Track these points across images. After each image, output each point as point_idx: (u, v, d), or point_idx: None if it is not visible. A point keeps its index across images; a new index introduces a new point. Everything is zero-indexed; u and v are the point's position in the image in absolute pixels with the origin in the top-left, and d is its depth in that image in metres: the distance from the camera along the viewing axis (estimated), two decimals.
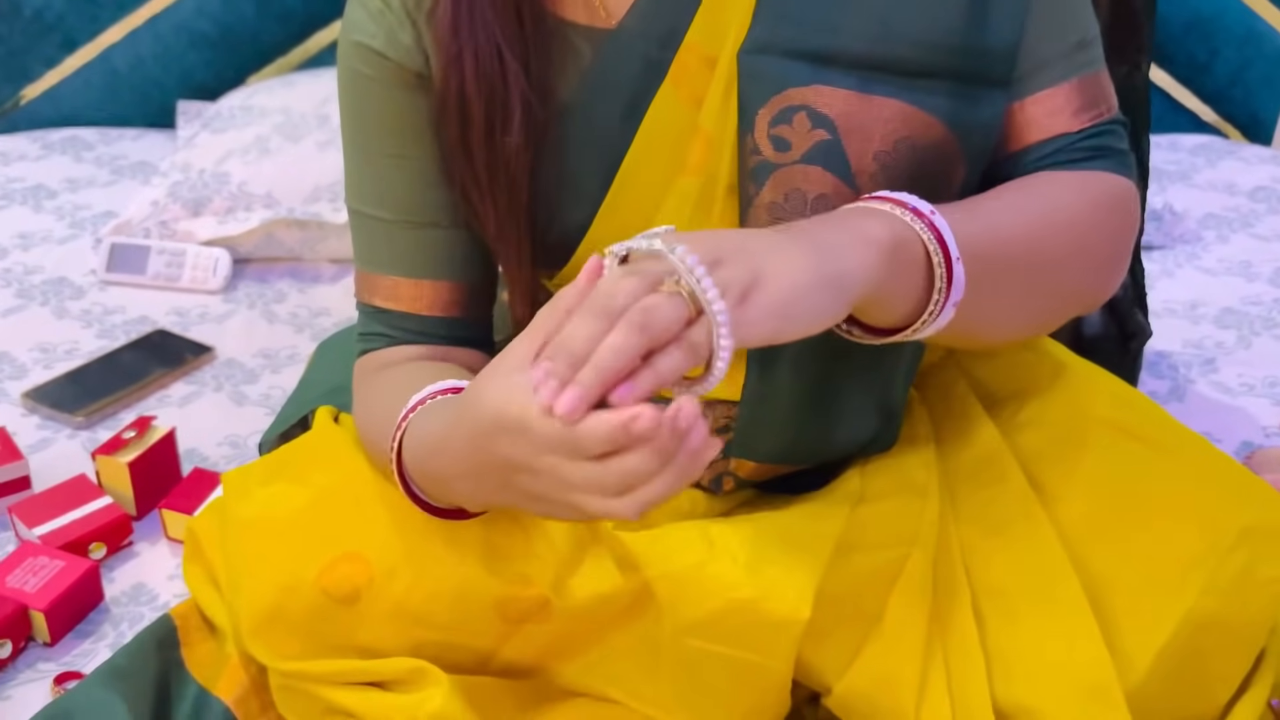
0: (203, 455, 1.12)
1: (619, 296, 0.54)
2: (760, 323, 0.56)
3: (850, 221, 0.62)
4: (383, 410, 0.75)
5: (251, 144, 1.49)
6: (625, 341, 0.53)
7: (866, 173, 0.69)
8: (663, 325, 0.54)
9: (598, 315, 0.54)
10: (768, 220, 0.70)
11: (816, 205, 0.69)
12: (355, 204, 0.80)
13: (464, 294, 0.80)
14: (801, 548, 0.70)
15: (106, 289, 1.39)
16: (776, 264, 0.58)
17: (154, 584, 0.97)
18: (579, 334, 0.54)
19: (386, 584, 0.73)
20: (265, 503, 0.79)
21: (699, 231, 0.60)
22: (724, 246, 0.57)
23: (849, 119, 0.68)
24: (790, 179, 0.69)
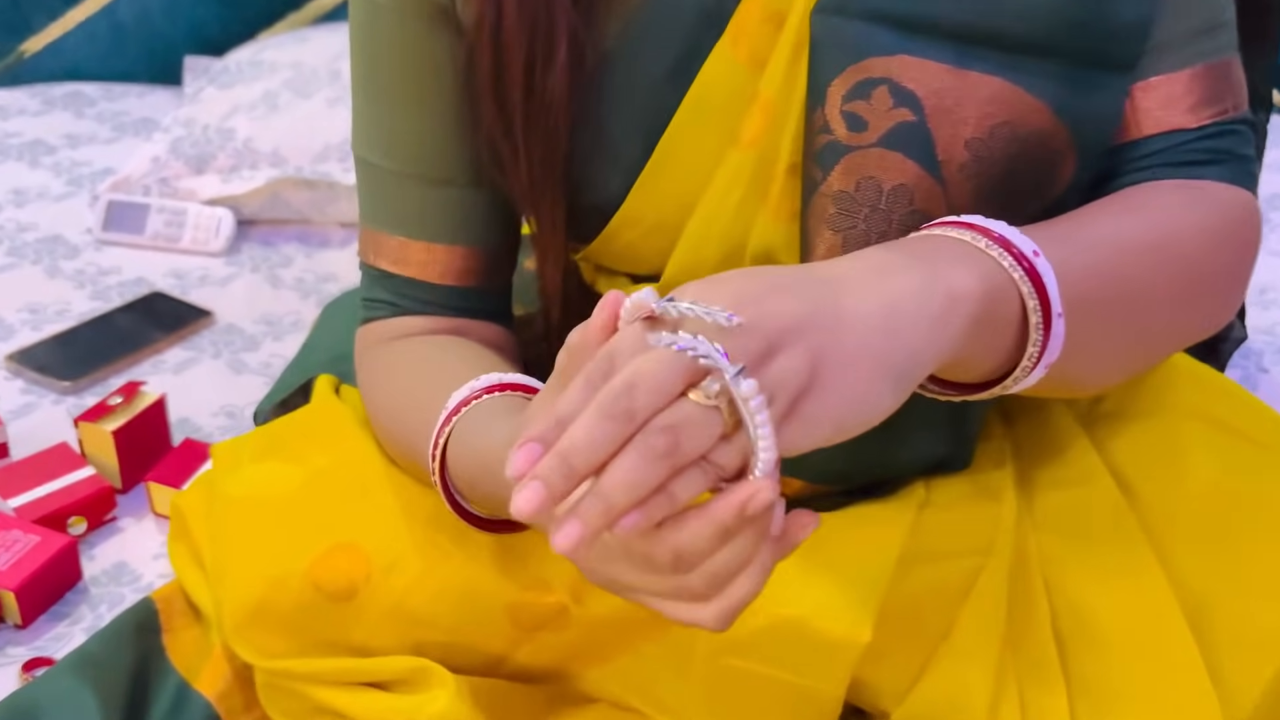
0: (196, 425, 1.04)
1: (640, 395, 0.43)
2: (807, 437, 0.46)
3: (934, 266, 0.50)
4: (404, 395, 0.67)
5: (259, 99, 1.41)
6: (644, 473, 0.43)
7: (955, 163, 0.59)
8: (691, 451, 0.43)
9: (610, 418, 0.43)
10: (834, 211, 0.61)
11: (893, 198, 0.60)
12: (361, 151, 0.71)
13: (482, 260, 0.72)
14: (861, 558, 0.61)
15: (102, 249, 1.32)
16: (841, 351, 0.46)
17: (137, 563, 0.90)
18: (583, 440, 0.43)
19: (385, 580, 0.65)
20: (255, 481, 0.71)
21: (749, 275, 0.48)
22: (781, 320, 0.45)
23: (939, 98, 0.58)
24: (864, 165, 0.60)
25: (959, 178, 0.59)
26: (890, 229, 0.60)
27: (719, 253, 0.67)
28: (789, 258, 0.65)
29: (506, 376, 0.62)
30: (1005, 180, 0.59)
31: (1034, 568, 0.64)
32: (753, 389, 0.43)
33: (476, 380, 0.61)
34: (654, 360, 0.44)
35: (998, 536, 0.64)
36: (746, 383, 0.43)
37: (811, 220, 0.62)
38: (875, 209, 0.60)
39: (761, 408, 0.43)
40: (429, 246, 0.70)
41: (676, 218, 0.67)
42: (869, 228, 0.61)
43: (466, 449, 0.59)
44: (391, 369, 0.69)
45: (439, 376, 0.64)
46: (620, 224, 0.69)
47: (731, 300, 0.45)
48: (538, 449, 0.43)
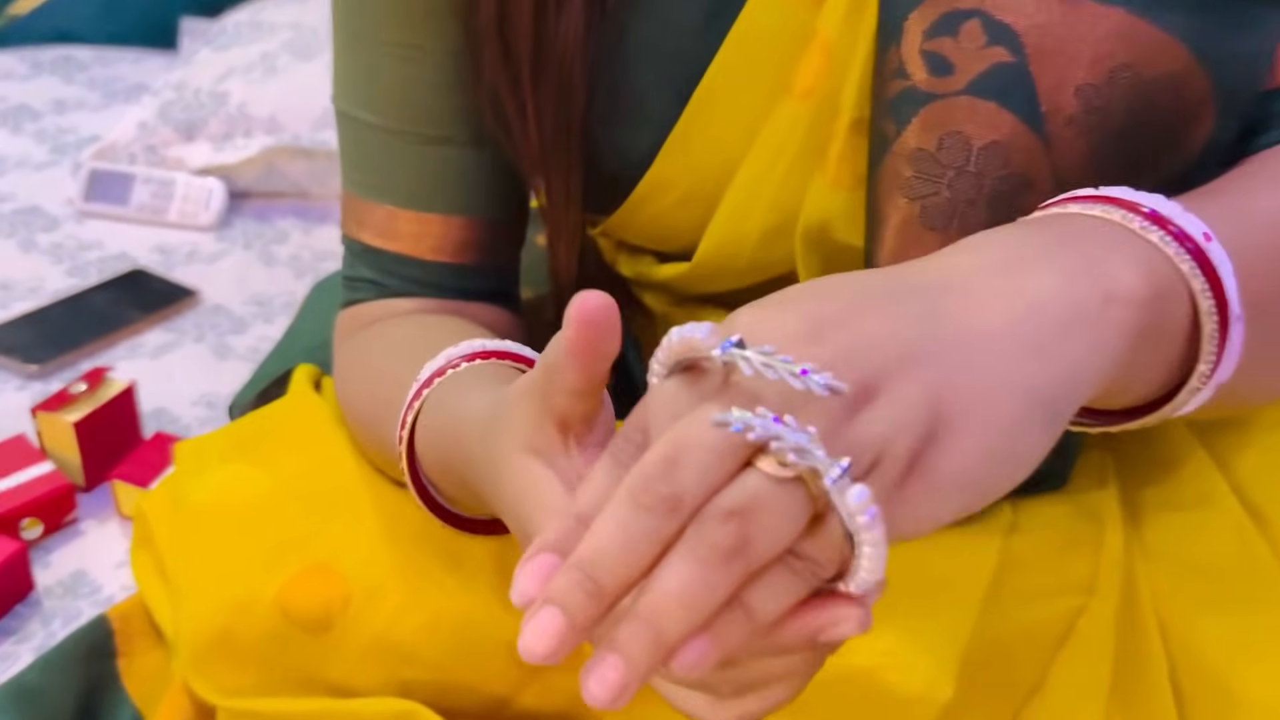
0: (172, 416, 0.94)
1: (687, 472, 0.31)
2: (937, 508, 0.34)
3: (1080, 257, 0.38)
4: (377, 377, 0.56)
5: (256, 62, 1.30)
6: (706, 583, 0.30)
7: (1063, 115, 0.48)
8: (768, 545, 0.31)
9: (646, 507, 0.31)
10: (910, 175, 0.50)
11: (985, 159, 0.49)
12: (344, 104, 0.61)
13: (482, 233, 0.61)
14: (939, 598, 0.51)
15: (83, 221, 1.22)
16: (971, 382, 0.34)
17: (98, 572, 0.80)
18: (612, 542, 0.31)
19: (366, 609, 0.55)
20: (220, 486, 0.61)
21: (822, 290, 0.36)
22: (880, 350, 0.34)
23: (1044, 34, 0.47)
24: (949, 116, 0.49)
25: (1067, 134, 0.48)
26: (980, 196, 0.50)
27: (764, 226, 0.56)
28: (850, 232, 0.55)
29: (492, 343, 0.51)
30: (1126, 138, 0.48)
31: (1146, 608, 0.53)
32: (864, 500, 0.31)
33: (454, 347, 0.50)
34: (694, 417, 0.32)
35: (1102, 570, 0.53)
36: (855, 491, 0.31)
37: (881, 186, 0.52)
38: (962, 171, 0.49)
39: (862, 494, 0.31)
40: (421, 216, 0.59)
41: (714, 184, 0.57)
42: (954, 195, 0.50)
43: (436, 426, 0.49)
44: (366, 351, 0.59)
45: (417, 352, 0.53)
46: (647, 192, 0.58)
47: (805, 327, 0.34)
48: (551, 561, 0.32)
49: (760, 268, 0.59)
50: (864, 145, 0.53)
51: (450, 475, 0.49)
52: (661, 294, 0.67)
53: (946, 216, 0.50)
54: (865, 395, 0.33)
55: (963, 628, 0.50)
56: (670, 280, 0.63)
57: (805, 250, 0.56)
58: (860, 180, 0.54)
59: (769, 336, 0.33)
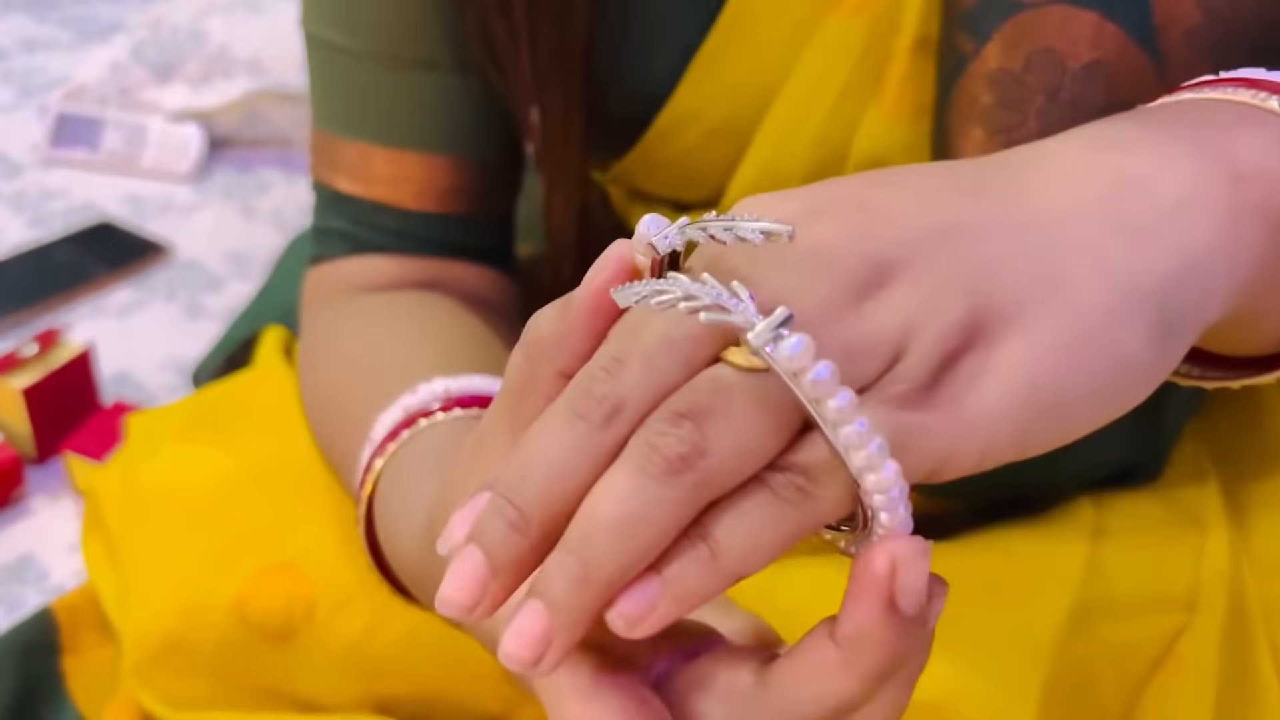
0: (136, 382, 0.86)
1: (630, 373, 0.24)
2: (988, 431, 0.25)
3: (1200, 127, 0.29)
4: (335, 393, 0.48)
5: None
6: (646, 507, 0.23)
7: (1180, 26, 0.40)
8: (730, 455, 0.24)
9: (581, 417, 0.24)
10: (990, 101, 0.42)
11: (1083, 82, 0.40)
12: (313, 25, 0.52)
13: (469, 177, 0.53)
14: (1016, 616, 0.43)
15: (50, 168, 1.13)
16: (1035, 267, 0.26)
17: (47, 555, 0.72)
18: (536, 461, 0.24)
19: (336, 616, 0.47)
20: (175, 469, 0.54)
21: (853, 177, 0.28)
22: (886, 216, 0.26)
23: None
24: (1040, 29, 0.41)
25: (1185, 51, 0.40)
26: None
27: (809, 163, 0.48)
28: None
29: (456, 384, 0.42)
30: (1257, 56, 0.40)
31: (1256, 626, 0.45)
32: (803, 351, 0.23)
33: (411, 395, 0.42)
34: (653, 320, 0.25)
35: (1204, 583, 0.45)
36: (791, 343, 0.23)
37: (953, 116, 0.43)
38: (1054, 98, 0.41)
39: (833, 388, 0.23)
40: (400, 155, 0.51)
41: (748, 115, 0.49)
42: (1044, 127, 0.42)
43: (390, 518, 0.40)
44: (335, 336, 0.50)
45: (382, 364, 0.45)
46: (668, 126, 0.50)
47: (804, 205, 0.26)
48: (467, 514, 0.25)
49: None
50: (931, 68, 0.45)
51: (410, 574, 0.41)
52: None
53: None
54: (875, 278, 0.25)
55: (1042, 652, 0.43)
56: None
57: None
58: (925, 110, 0.46)
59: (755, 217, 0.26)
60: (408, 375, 0.42)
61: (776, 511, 0.24)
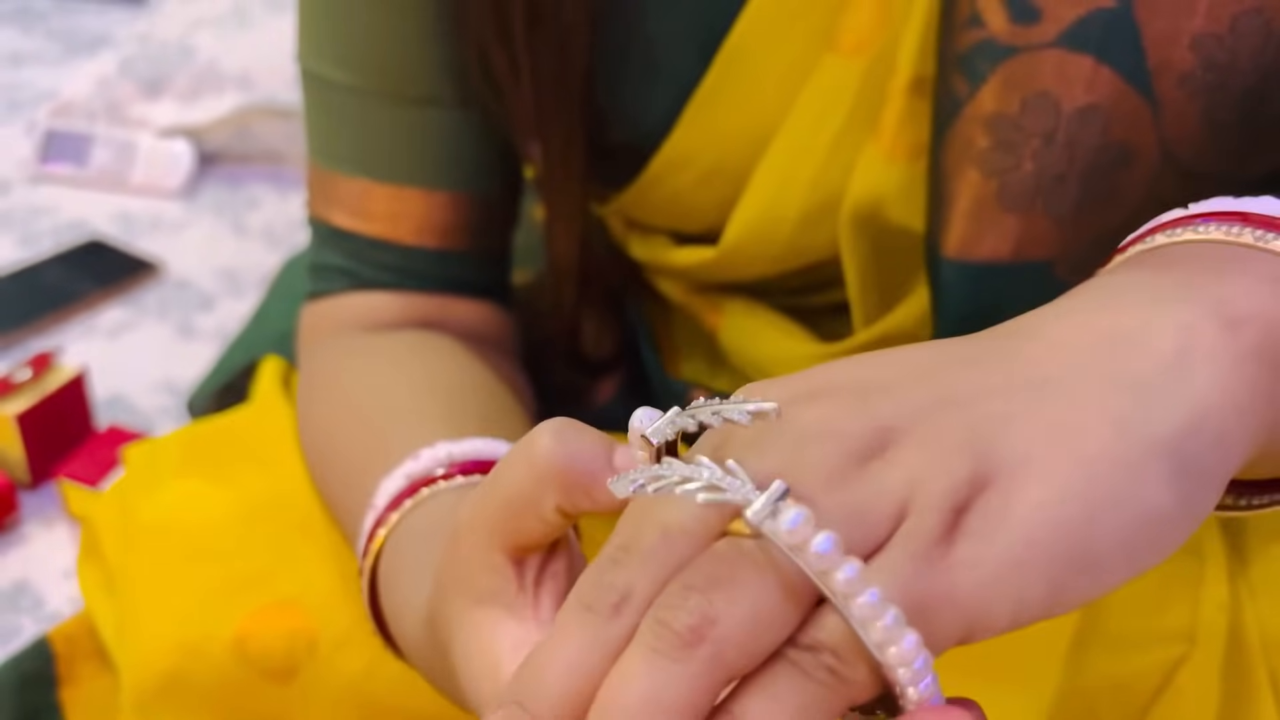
0: (130, 404, 0.85)
1: (634, 562, 0.24)
2: (1009, 583, 0.24)
3: (1184, 274, 0.29)
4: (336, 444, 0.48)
5: (228, 12, 1.21)
6: (661, 691, 0.22)
7: (1175, 71, 0.40)
8: (744, 629, 0.23)
9: (589, 610, 0.24)
10: (986, 145, 0.42)
11: (1079, 125, 0.41)
12: (310, 62, 0.52)
13: (469, 212, 0.53)
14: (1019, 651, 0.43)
15: (38, 185, 1.13)
16: (1040, 421, 0.25)
17: (42, 583, 0.72)
18: (549, 662, 0.24)
19: (338, 654, 0.47)
20: (175, 504, 0.53)
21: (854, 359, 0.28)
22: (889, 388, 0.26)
23: None
24: (1035, 74, 0.41)
25: (1179, 96, 0.40)
26: (1071, 171, 0.42)
27: (805, 204, 0.48)
28: (908, 212, 0.47)
29: (460, 447, 0.42)
30: (1250, 101, 0.40)
31: (1255, 658, 0.45)
32: (802, 523, 0.22)
33: (414, 459, 0.41)
34: (656, 507, 0.25)
35: (1203, 614, 0.45)
36: (789, 516, 0.22)
37: (949, 157, 0.43)
38: (1050, 140, 0.41)
39: (838, 560, 0.22)
40: (399, 192, 0.51)
41: (744, 157, 0.49)
42: (1040, 168, 0.42)
43: (393, 591, 0.40)
44: (335, 378, 0.50)
45: (386, 416, 0.45)
46: (665, 165, 0.50)
47: (804, 385, 0.26)
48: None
49: (798, 252, 0.51)
50: (927, 109, 0.45)
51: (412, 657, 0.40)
52: (680, 280, 0.59)
53: (1029, 195, 0.42)
54: (878, 443, 0.25)
55: (1044, 687, 0.43)
56: (690, 268, 0.55)
57: (853, 234, 0.48)
58: (922, 151, 0.46)
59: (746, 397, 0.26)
60: (412, 435, 0.42)
61: (810, 693, 0.23)
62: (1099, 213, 0.43)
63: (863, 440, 0.25)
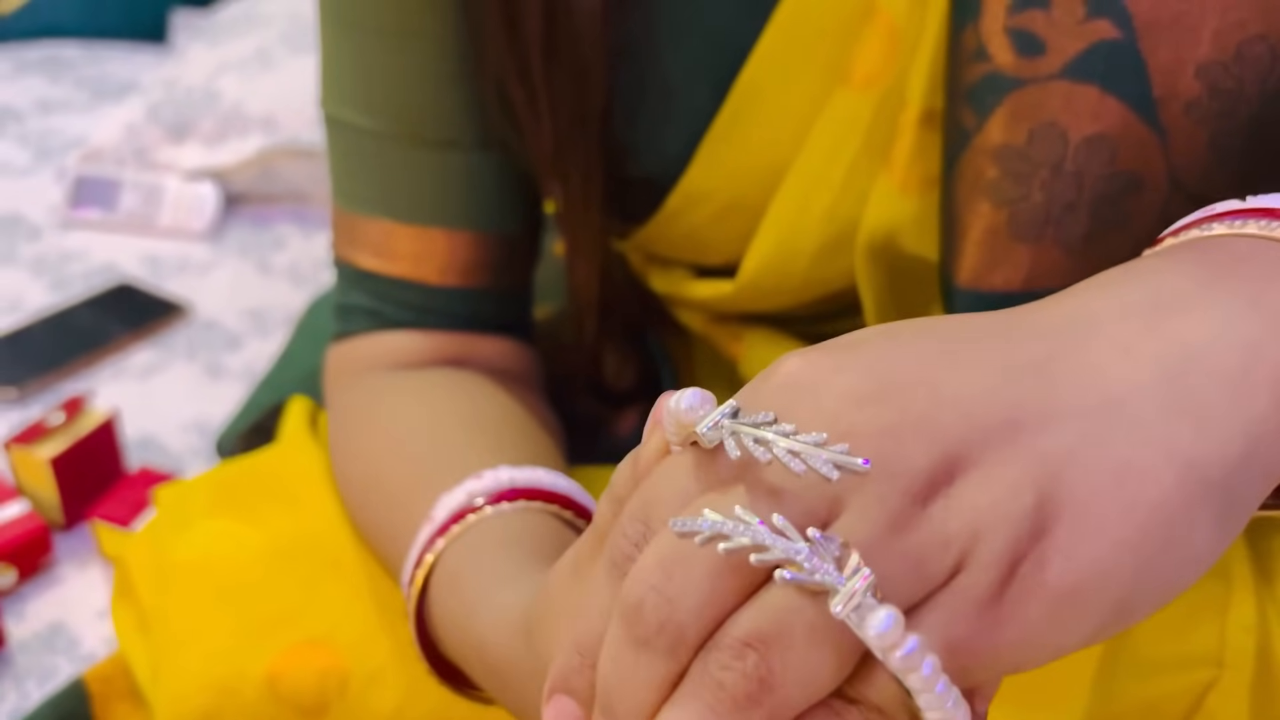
0: (161, 445, 0.86)
1: (683, 603, 0.24)
2: (1053, 635, 0.25)
3: (1249, 279, 0.29)
4: (378, 476, 0.49)
5: (250, 56, 1.23)
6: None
7: (1181, 99, 0.40)
8: (800, 688, 0.24)
9: (645, 645, 0.25)
10: (995, 175, 0.42)
11: (1086, 155, 0.41)
12: (333, 108, 0.53)
13: (492, 251, 0.54)
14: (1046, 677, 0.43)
15: (69, 230, 1.14)
16: (1104, 460, 0.25)
17: (77, 623, 0.72)
18: (619, 694, 0.25)
19: (368, 691, 0.47)
20: (206, 545, 0.54)
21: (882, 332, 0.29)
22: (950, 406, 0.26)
23: (1157, 2, 0.40)
24: (1042, 105, 0.41)
25: (1185, 123, 0.40)
26: (1080, 200, 0.42)
27: (821, 236, 0.49)
28: (921, 242, 0.47)
29: (522, 475, 0.43)
30: (1256, 128, 0.40)
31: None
32: (892, 629, 0.22)
33: (476, 480, 0.42)
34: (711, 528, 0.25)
35: (1230, 637, 0.45)
36: (879, 615, 0.22)
37: (960, 188, 0.44)
38: (1059, 170, 0.41)
39: (916, 657, 0.22)
40: (423, 232, 0.52)
41: (760, 191, 0.49)
42: (1049, 198, 0.42)
43: (452, 614, 0.41)
44: (369, 418, 0.51)
45: (427, 451, 0.46)
46: (683, 200, 0.51)
47: (864, 384, 0.26)
48: (566, 705, 0.27)
49: (815, 284, 0.51)
50: (937, 142, 0.45)
51: (470, 666, 0.41)
52: (700, 312, 0.59)
53: (1039, 224, 0.43)
54: (943, 474, 0.25)
55: (1074, 711, 0.43)
56: (709, 301, 0.56)
57: (869, 265, 0.48)
58: (933, 182, 0.46)
59: (814, 397, 0.26)
60: (467, 460, 0.43)
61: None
62: (1109, 241, 0.43)
63: (929, 474, 0.25)
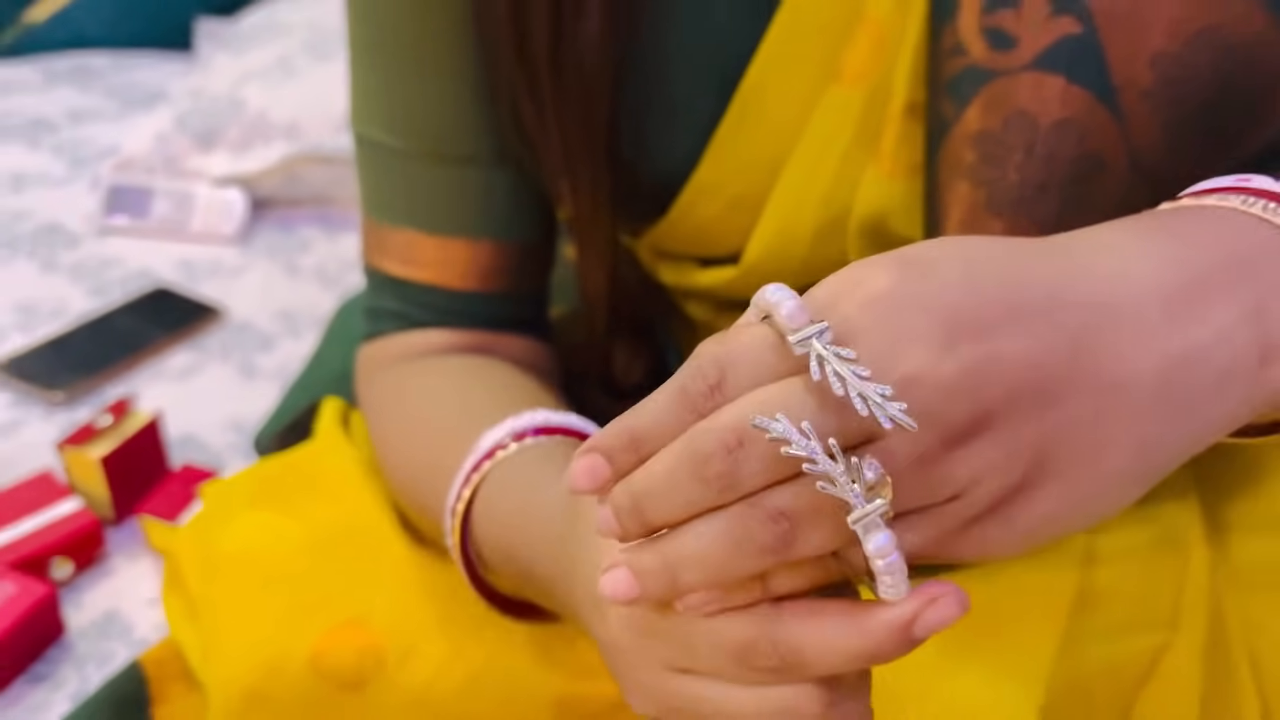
0: (201, 443, 0.91)
1: (749, 463, 0.31)
2: (1000, 549, 0.33)
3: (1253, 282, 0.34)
4: (419, 430, 0.54)
5: (273, 65, 1.27)
6: (736, 564, 0.32)
7: (1138, 87, 0.44)
8: (808, 550, 0.32)
9: (702, 480, 0.32)
10: (974, 159, 0.46)
11: (1055, 137, 0.45)
12: (361, 127, 0.58)
13: (510, 258, 0.58)
14: (1016, 637, 0.47)
15: (104, 238, 1.20)
16: (1096, 438, 0.32)
17: (130, 611, 0.78)
18: (662, 492, 0.32)
19: (403, 668, 0.52)
20: (250, 536, 0.59)
21: (954, 257, 0.33)
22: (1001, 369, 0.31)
23: (1114, 1, 0.44)
24: (1013, 94, 0.46)
25: (1143, 108, 0.45)
26: (1051, 180, 0.46)
27: (817, 221, 0.53)
28: (908, 224, 0.51)
29: (557, 417, 0.48)
30: (1207, 111, 0.44)
31: (1235, 642, 0.49)
32: (884, 548, 0.31)
33: (516, 418, 0.48)
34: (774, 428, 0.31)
35: (1185, 603, 0.49)
36: (879, 536, 0.31)
37: (942, 172, 0.48)
38: (1031, 153, 0.46)
39: (892, 568, 0.31)
40: (445, 242, 0.56)
41: (763, 183, 0.54)
42: (1023, 178, 0.46)
43: (502, 511, 0.46)
44: (401, 395, 0.56)
45: (464, 407, 0.51)
46: (692, 199, 0.55)
47: (938, 331, 0.31)
48: (601, 465, 0.33)
49: (814, 268, 0.56)
50: (920, 131, 0.50)
51: (514, 564, 0.46)
52: (706, 301, 0.64)
53: (1014, 202, 0.47)
54: (973, 428, 0.31)
55: (1042, 668, 0.47)
56: (715, 287, 0.60)
57: (862, 246, 0.53)
58: (917, 169, 0.50)
59: (893, 332, 0.31)
60: (503, 407, 0.49)
61: (820, 574, 0.33)
62: (1078, 216, 0.47)
63: (961, 430, 0.31)
